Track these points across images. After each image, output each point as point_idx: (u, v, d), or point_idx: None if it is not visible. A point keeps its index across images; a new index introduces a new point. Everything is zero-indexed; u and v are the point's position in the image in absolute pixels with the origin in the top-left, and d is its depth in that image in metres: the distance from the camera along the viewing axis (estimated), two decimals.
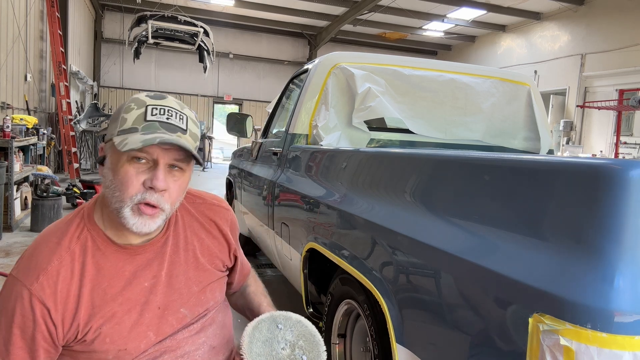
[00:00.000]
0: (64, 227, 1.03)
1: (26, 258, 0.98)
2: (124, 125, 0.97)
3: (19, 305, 0.93)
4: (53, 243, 1.00)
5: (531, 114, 2.96)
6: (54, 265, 0.96)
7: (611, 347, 0.76)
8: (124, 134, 0.95)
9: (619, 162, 0.85)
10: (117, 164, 0.96)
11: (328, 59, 2.71)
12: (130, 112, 0.98)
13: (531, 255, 0.93)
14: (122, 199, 0.96)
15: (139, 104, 0.99)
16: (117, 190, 0.97)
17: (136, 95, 1.01)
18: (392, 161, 1.61)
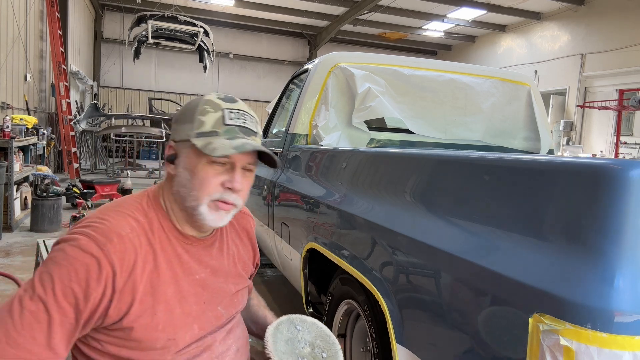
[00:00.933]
0: (134, 202, 1.04)
1: (97, 220, 0.96)
2: (202, 128, 1.01)
3: (87, 261, 0.90)
4: (125, 214, 1.00)
5: (531, 114, 2.96)
6: (126, 233, 0.96)
7: (611, 347, 0.76)
8: (205, 137, 1.00)
9: (619, 162, 0.85)
10: (196, 165, 1.01)
11: (328, 59, 2.71)
12: (206, 114, 1.01)
13: (531, 255, 0.93)
14: (200, 198, 1.01)
15: (214, 107, 1.02)
16: (194, 189, 1.01)
17: (207, 97, 1.04)
18: (392, 161, 1.61)
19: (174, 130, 1.06)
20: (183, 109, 1.07)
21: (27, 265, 3.74)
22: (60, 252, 0.91)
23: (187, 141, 1.01)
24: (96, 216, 0.98)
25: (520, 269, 0.92)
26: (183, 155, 1.03)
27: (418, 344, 1.25)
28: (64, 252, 0.91)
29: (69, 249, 0.91)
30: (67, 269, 0.89)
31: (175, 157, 1.04)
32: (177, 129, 1.05)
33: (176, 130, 1.05)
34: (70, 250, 0.91)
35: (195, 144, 0.99)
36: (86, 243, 0.91)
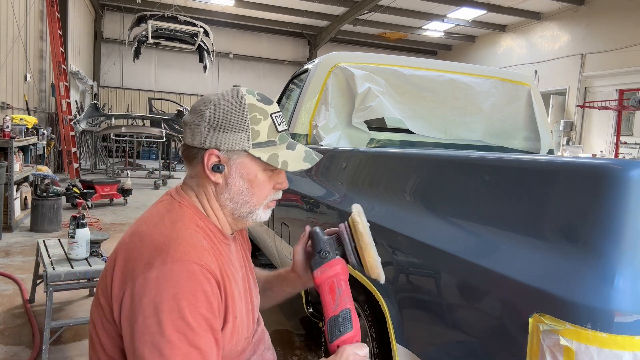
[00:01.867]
0: (179, 212, 0.99)
1: (174, 241, 0.90)
2: (257, 138, 0.99)
3: (197, 282, 0.86)
4: (187, 226, 0.96)
5: (531, 114, 2.96)
6: (205, 243, 0.95)
7: (611, 347, 0.76)
8: (264, 148, 1.00)
9: (619, 162, 0.85)
10: (255, 174, 1.01)
11: (328, 59, 2.71)
12: (259, 123, 0.99)
13: (531, 255, 0.92)
14: (258, 203, 1.04)
15: (262, 113, 1.00)
16: (253, 196, 1.03)
17: (247, 101, 1.00)
18: (392, 161, 1.61)
19: (213, 136, 0.98)
20: (220, 113, 0.99)
21: (27, 265, 3.74)
22: (167, 288, 0.85)
23: (242, 152, 0.99)
24: (166, 237, 0.92)
25: (520, 269, 0.92)
26: (236, 164, 1.00)
27: (418, 344, 1.25)
28: (171, 285, 0.85)
29: (173, 278, 0.85)
30: (187, 300, 0.85)
31: (223, 166, 0.99)
32: (222, 137, 0.98)
33: (220, 137, 0.98)
34: (175, 279, 0.85)
35: (260, 157, 0.99)
36: (180, 267, 0.87)
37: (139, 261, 0.89)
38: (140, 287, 0.86)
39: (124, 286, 0.89)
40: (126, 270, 0.90)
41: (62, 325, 2.44)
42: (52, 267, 2.43)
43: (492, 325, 0.97)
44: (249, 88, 1.05)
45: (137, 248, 0.92)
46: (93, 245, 2.64)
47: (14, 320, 2.76)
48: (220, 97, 1.01)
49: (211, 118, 0.98)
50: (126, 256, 0.92)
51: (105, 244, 2.81)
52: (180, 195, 1.04)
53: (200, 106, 1.01)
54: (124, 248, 0.95)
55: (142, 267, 0.88)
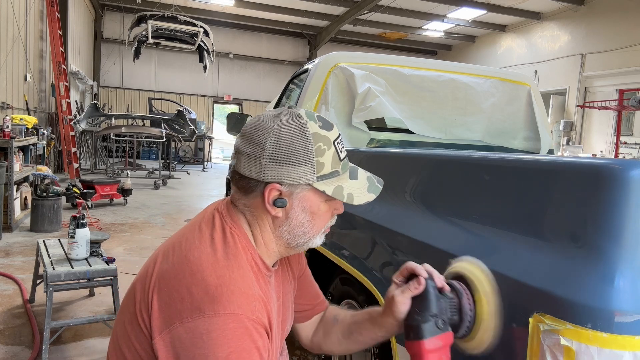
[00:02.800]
0: (226, 249, 0.94)
1: (227, 288, 0.86)
2: (322, 170, 0.95)
3: (251, 339, 0.84)
4: (240, 265, 0.92)
5: (531, 113, 2.96)
6: (257, 290, 0.91)
7: (611, 347, 0.76)
8: (327, 180, 0.96)
9: (619, 162, 0.85)
10: (318, 206, 0.98)
11: (328, 59, 2.71)
12: (323, 154, 0.95)
13: (531, 255, 0.92)
14: (316, 233, 1.01)
15: (326, 142, 0.96)
16: (314, 227, 1.00)
17: (313, 130, 0.94)
18: (392, 161, 1.61)
19: (274, 170, 0.93)
20: (283, 146, 0.93)
21: (27, 265, 3.74)
22: (221, 346, 0.82)
23: (306, 185, 0.95)
24: (219, 279, 0.87)
25: (521, 269, 0.92)
26: (298, 198, 0.96)
27: None
28: (225, 343, 0.82)
29: (227, 335, 0.82)
30: (238, 354, 0.82)
31: (285, 199, 0.95)
32: (284, 171, 0.93)
33: (282, 172, 0.93)
34: (229, 336, 0.83)
35: (324, 191, 0.95)
36: (237, 321, 0.84)
37: (187, 302, 0.85)
38: (189, 337, 0.83)
39: (169, 324, 0.85)
40: (172, 307, 0.86)
41: (62, 325, 2.44)
42: (52, 267, 2.43)
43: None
44: (306, 111, 0.98)
45: (186, 285, 0.87)
46: (93, 245, 2.64)
47: (14, 320, 2.76)
48: (280, 125, 0.94)
49: (273, 151, 0.92)
50: (171, 290, 0.88)
51: (105, 243, 2.81)
52: (232, 220, 0.99)
53: (259, 136, 0.94)
54: (170, 276, 0.90)
55: (191, 311, 0.84)
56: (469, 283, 0.96)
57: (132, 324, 0.93)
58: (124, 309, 0.98)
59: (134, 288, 0.98)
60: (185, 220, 6.08)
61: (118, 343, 0.97)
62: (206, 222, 0.99)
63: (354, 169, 1.03)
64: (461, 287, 0.96)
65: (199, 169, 13.64)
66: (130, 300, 0.97)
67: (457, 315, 0.94)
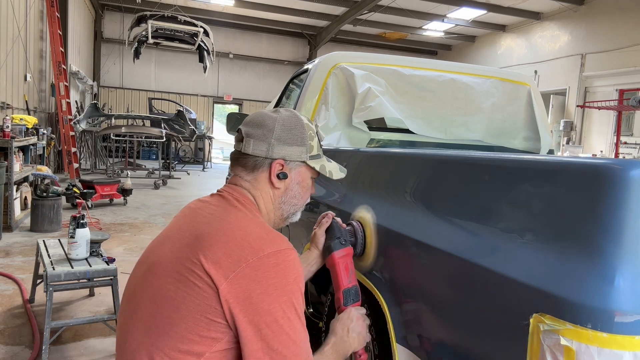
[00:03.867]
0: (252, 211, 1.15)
1: (270, 232, 1.08)
2: (312, 151, 1.24)
3: (300, 267, 1.06)
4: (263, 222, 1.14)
5: (531, 113, 2.96)
6: None
7: (612, 347, 0.76)
8: (315, 160, 1.26)
9: (619, 162, 0.85)
10: (307, 181, 1.27)
11: (328, 59, 2.71)
12: (312, 139, 1.25)
13: (531, 255, 0.92)
14: (301, 206, 1.29)
15: (312, 131, 1.26)
16: (302, 200, 1.27)
17: (304, 120, 1.25)
18: (392, 161, 1.61)
19: (280, 148, 1.18)
20: (286, 130, 1.19)
21: (27, 265, 3.74)
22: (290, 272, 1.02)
23: (302, 162, 1.23)
24: (261, 228, 1.08)
25: (520, 269, 0.92)
26: (294, 172, 1.23)
27: (418, 344, 1.25)
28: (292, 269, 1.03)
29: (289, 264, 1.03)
30: (301, 282, 1.05)
31: (286, 174, 1.21)
32: (286, 150, 1.19)
33: (285, 150, 1.19)
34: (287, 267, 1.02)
35: (314, 167, 1.24)
36: (288, 255, 1.04)
37: (247, 248, 1.01)
38: (259, 272, 0.98)
39: (234, 269, 0.98)
40: (233, 255, 1.00)
41: (62, 325, 2.44)
42: (52, 267, 2.43)
43: (492, 325, 0.97)
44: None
45: (240, 237, 1.03)
46: (93, 245, 2.64)
47: (14, 320, 2.76)
48: (282, 115, 1.21)
49: (280, 133, 1.19)
50: (226, 243, 1.02)
51: (105, 243, 2.81)
52: (240, 194, 1.18)
53: (267, 122, 1.19)
54: (219, 234, 1.04)
55: (253, 252, 1.00)
56: (361, 221, 1.49)
57: (185, 285, 1.00)
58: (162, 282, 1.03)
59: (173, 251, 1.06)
60: None
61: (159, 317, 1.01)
62: (216, 201, 1.17)
63: (327, 156, 1.34)
64: (356, 222, 1.49)
65: (199, 169, 13.64)
66: (168, 269, 1.04)
67: (354, 238, 1.47)
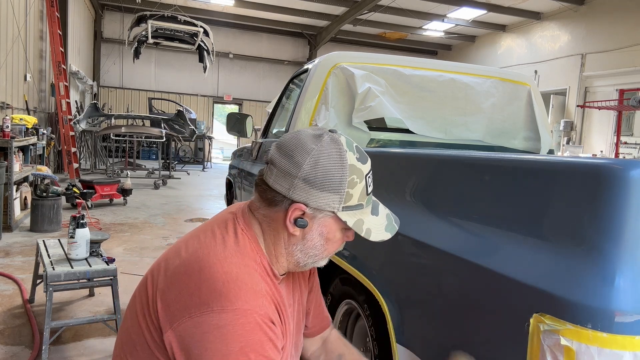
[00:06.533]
0: (236, 248, 0.96)
1: (234, 284, 0.88)
2: (349, 201, 0.96)
3: (262, 332, 0.87)
4: (247, 264, 0.94)
5: (531, 113, 2.95)
6: (263, 287, 0.93)
7: (612, 347, 0.76)
8: (351, 211, 0.97)
9: (620, 162, 0.85)
10: (334, 234, 1.00)
11: (328, 59, 2.71)
12: (355, 187, 0.96)
13: (531, 255, 0.92)
14: (325, 257, 1.04)
15: (359, 175, 0.97)
16: (325, 252, 1.02)
17: (351, 162, 0.96)
18: (392, 161, 1.61)
19: (304, 191, 0.94)
20: (320, 171, 0.94)
21: (27, 265, 3.74)
22: (233, 341, 0.84)
23: (331, 212, 0.96)
24: (227, 275, 0.89)
25: (520, 269, 0.92)
26: (319, 222, 0.98)
27: (418, 344, 1.25)
28: (236, 338, 0.84)
29: (236, 330, 0.84)
30: (256, 351, 0.85)
31: (306, 220, 0.97)
32: (314, 194, 0.94)
33: (311, 194, 0.94)
34: (238, 330, 0.84)
35: (346, 222, 0.97)
36: (246, 317, 0.85)
37: (195, 297, 0.87)
38: (198, 331, 0.85)
39: (177, 318, 0.87)
40: (181, 301, 0.88)
41: (62, 325, 2.44)
42: (52, 267, 2.43)
43: (493, 325, 0.97)
44: (346, 138, 0.99)
45: (195, 281, 0.89)
46: (93, 245, 2.64)
47: (14, 320, 2.76)
48: (320, 148, 0.94)
49: (309, 173, 0.94)
50: (181, 285, 0.90)
51: (105, 243, 2.81)
52: (245, 224, 1.01)
53: (298, 154, 0.95)
54: (180, 271, 0.92)
55: (199, 306, 0.86)
56: None
57: (144, 316, 0.95)
58: (136, 301, 1.00)
59: (146, 280, 1.00)
60: (186, 220, 6.08)
61: (129, 334, 0.99)
62: (219, 224, 1.02)
63: (375, 204, 1.04)
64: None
65: (199, 169, 13.64)
66: (142, 292, 0.99)
67: None
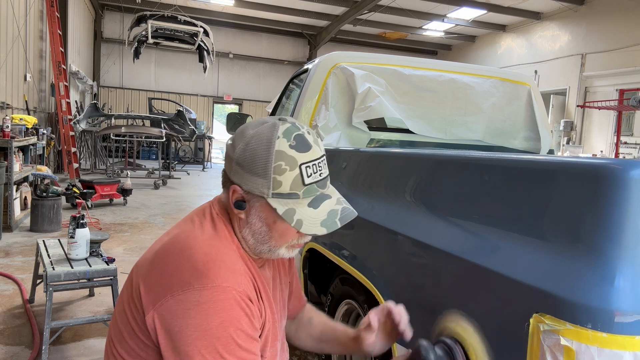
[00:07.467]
0: (214, 231, 0.99)
1: (214, 263, 0.90)
2: (279, 188, 0.93)
3: (240, 308, 0.89)
4: (224, 245, 0.97)
5: (531, 113, 2.95)
6: (241, 266, 0.96)
7: (612, 347, 0.76)
8: (284, 199, 0.94)
9: (620, 162, 0.85)
10: (274, 221, 0.97)
11: (328, 59, 2.71)
12: (283, 173, 0.92)
13: (531, 255, 0.92)
14: (277, 246, 1.01)
15: (290, 163, 0.92)
16: (272, 240, 1.00)
17: (279, 148, 0.92)
18: (392, 161, 1.61)
19: (238, 173, 0.96)
20: (247, 154, 0.95)
21: (27, 265, 3.74)
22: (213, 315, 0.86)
23: (262, 198, 0.95)
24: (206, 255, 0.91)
25: (520, 269, 0.92)
26: (256, 207, 0.97)
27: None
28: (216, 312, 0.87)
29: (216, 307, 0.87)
30: (234, 326, 0.87)
31: (245, 203, 0.98)
32: (245, 177, 0.95)
33: (243, 177, 0.95)
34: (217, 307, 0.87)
35: (276, 209, 0.93)
36: (225, 293, 0.88)
37: (176, 277, 0.89)
38: (180, 308, 0.87)
39: (160, 298, 0.89)
40: (163, 282, 0.91)
41: (62, 325, 2.44)
42: (52, 267, 2.43)
43: (492, 325, 0.97)
44: (293, 126, 0.96)
45: (176, 261, 0.91)
46: (93, 245, 2.64)
47: (14, 320, 2.76)
48: (255, 132, 0.95)
49: (239, 155, 0.96)
50: (162, 267, 0.92)
51: (105, 243, 2.81)
52: (220, 209, 1.04)
53: (237, 138, 0.98)
54: (161, 255, 0.95)
55: (180, 285, 0.88)
56: (463, 343, 1.00)
57: (129, 304, 0.97)
58: (124, 294, 1.02)
59: (131, 273, 1.02)
60: None
61: (117, 325, 1.01)
62: (197, 213, 1.06)
63: (320, 198, 0.98)
64: (456, 347, 0.99)
65: (199, 169, 13.64)
66: (128, 283, 1.01)
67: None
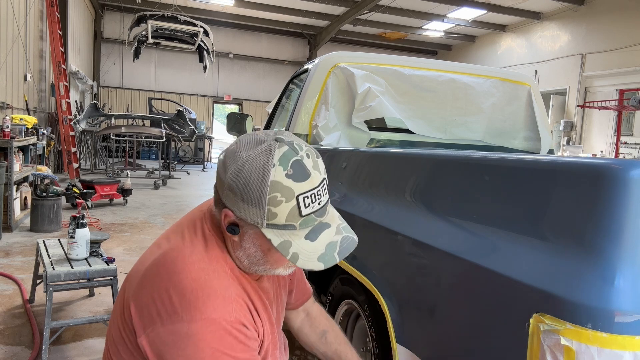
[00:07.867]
0: (204, 252, 0.96)
1: (203, 292, 0.88)
2: (274, 219, 0.87)
3: (232, 336, 0.87)
4: (215, 268, 0.94)
5: (531, 113, 2.95)
6: (232, 292, 0.93)
7: (612, 347, 0.76)
8: (279, 230, 0.89)
9: (620, 162, 0.85)
10: (268, 248, 0.93)
11: (328, 59, 2.71)
12: (278, 205, 0.86)
13: (531, 255, 0.92)
14: (274, 268, 0.98)
15: (286, 194, 0.86)
16: (267, 264, 0.97)
17: (275, 178, 0.86)
18: (392, 161, 1.61)
19: (230, 199, 0.90)
20: (240, 181, 0.88)
21: (26, 266, 3.74)
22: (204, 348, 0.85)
23: (256, 227, 0.90)
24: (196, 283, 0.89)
25: (520, 269, 0.92)
26: (250, 233, 0.92)
27: (418, 344, 1.25)
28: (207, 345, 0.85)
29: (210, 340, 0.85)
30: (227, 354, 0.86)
31: (238, 228, 0.93)
32: (237, 204, 0.90)
33: (236, 203, 0.90)
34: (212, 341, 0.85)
35: (271, 240, 0.88)
36: (215, 325, 0.86)
37: (166, 304, 0.87)
38: (170, 339, 0.85)
39: (150, 324, 0.88)
40: (152, 307, 0.89)
41: (62, 326, 2.44)
42: (52, 267, 2.43)
43: (492, 325, 0.97)
44: (290, 149, 0.89)
45: (165, 287, 0.89)
46: (93, 245, 2.64)
47: (14, 320, 2.76)
48: (248, 158, 0.89)
49: (231, 181, 0.89)
50: (152, 290, 0.90)
51: (105, 243, 2.81)
52: (213, 224, 1.00)
53: (229, 160, 0.91)
54: (150, 275, 0.93)
55: (169, 314, 0.87)
56: None
57: (122, 318, 0.96)
58: (117, 305, 1.01)
59: (123, 287, 1.01)
60: None
61: (112, 336, 1.00)
62: (188, 225, 1.02)
63: (318, 228, 0.92)
64: None
65: (199, 169, 13.64)
66: (121, 294, 1.00)
67: None
